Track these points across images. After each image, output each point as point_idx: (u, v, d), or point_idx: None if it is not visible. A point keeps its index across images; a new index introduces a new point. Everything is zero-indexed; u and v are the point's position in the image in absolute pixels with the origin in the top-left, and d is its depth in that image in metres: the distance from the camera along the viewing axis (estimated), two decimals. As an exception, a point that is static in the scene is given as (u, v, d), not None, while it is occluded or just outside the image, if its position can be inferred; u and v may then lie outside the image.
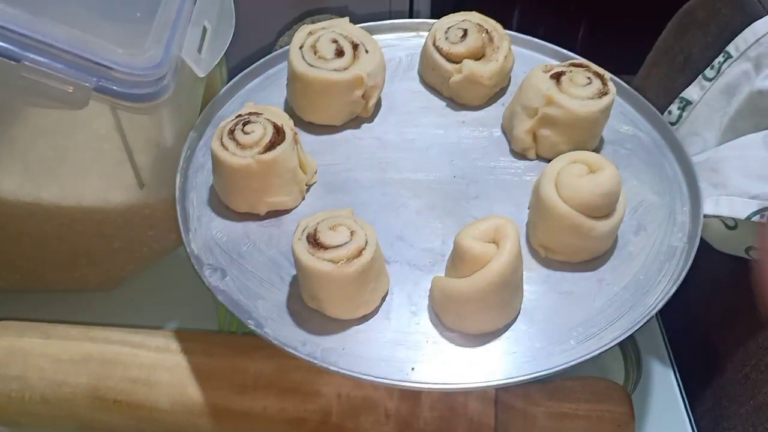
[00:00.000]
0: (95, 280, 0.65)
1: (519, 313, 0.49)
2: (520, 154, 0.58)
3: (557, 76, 0.56)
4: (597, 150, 0.57)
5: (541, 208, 0.50)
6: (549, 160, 0.53)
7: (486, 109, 0.62)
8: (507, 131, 0.59)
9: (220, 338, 0.57)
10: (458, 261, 0.47)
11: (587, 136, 0.56)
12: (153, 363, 0.53)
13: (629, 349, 0.62)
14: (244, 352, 0.54)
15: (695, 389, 0.61)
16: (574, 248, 0.50)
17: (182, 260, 0.67)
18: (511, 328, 0.48)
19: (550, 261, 0.51)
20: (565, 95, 0.55)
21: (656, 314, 0.63)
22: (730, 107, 0.63)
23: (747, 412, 0.57)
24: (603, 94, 0.55)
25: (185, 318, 0.63)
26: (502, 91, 0.62)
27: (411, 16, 0.85)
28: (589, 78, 0.56)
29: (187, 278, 0.66)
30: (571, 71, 0.57)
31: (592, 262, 0.51)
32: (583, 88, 0.55)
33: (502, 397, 0.52)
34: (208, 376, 0.53)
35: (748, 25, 0.63)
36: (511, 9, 0.59)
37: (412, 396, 0.51)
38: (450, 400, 0.51)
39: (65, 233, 0.59)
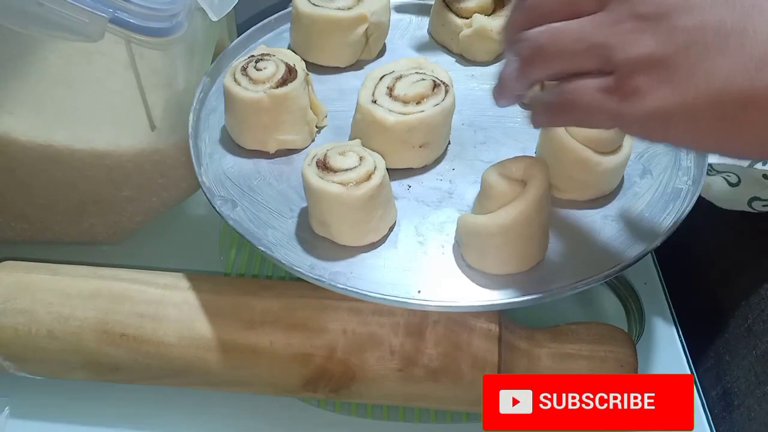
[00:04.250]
0: (103, 231, 0.65)
1: (541, 261, 0.49)
2: (527, 105, 0.59)
3: None
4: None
5: (548, 145, 0.50)
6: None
7: (495, 64, 0.63)
8: None
9: (227, 279, 0.57)
10: (484, 198, 0.47)
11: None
12: (160, 299, 0.54)
13: (632, 304, 0.62)
14: (251, 291, 0.54)
15: (698, 345, 0.62)
16: (581, 185, 0.51)
17: (188, 217, 0.69)
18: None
19: (557, 200, 0.52)
20: None
21: (659, 276, 0.64)
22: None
23: (749, 363, 0.57)
24: None
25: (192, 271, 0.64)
26: None
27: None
28: None
29: (193, 234, 0.67)
30: None
31: (598, 200, 0.52)
32: None
33: (506, 336, 0.52)
34: (215, 312, 0.53)
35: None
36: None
37: (417, 332, 0.51)
38: (454, 337, 0.51)
39: (75, 179, 0.59)
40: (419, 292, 0.47)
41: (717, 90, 0.33)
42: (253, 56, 0.55)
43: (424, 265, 0.49)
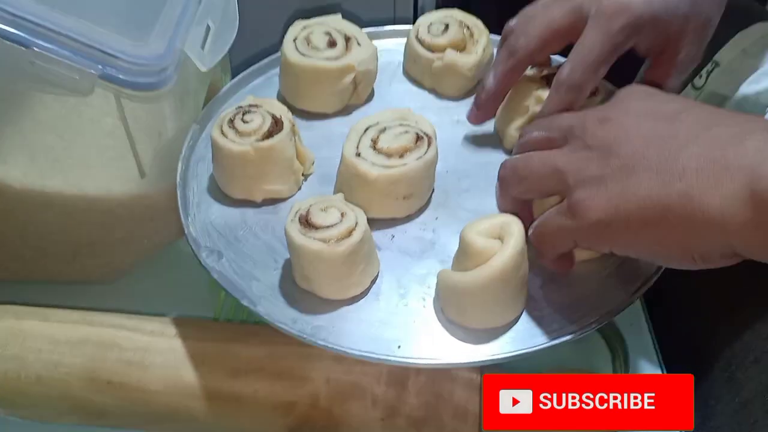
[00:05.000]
0: (96, 271, 0.66)
1: (521, 313, 0.49)
2: (511, 152, 0.60)
3: (547, 78, 0.58)
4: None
5: (539, 206, 0.51)
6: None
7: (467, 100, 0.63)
8: (499, 130, 0.61)
9: (213, 325, 0.58)
10: (462, 255, 0.48)
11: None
12: (147, 346, 0.54)
13: (617, 347, 0.63)
14: (237, 339, 0.55)
15: (683, 389, 0.62)
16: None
17: (180, 255, 0.69)
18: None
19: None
20: None
21: (647, 318, 0.65)
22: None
23: (732, 410, 0.58)
24: (592, 93, 0.57)
25: (183, 313, 0.64)
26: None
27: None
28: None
29: (184, 273, 0.67)
30: None
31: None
32: None
33: (488, 385, 0.53)
34: (201, 360, 0.54)
35: (734, 35, 0.65)
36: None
37: (400, 382, 0.52)
38: (436, 387, 0.52)
39: (68, 223, 0.60)
40: (399, 347, 0.47)
41: (642, 197, 0.41)
42: (240, 107, 0.56)
43: (405, 318, 0.49)
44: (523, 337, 0.48)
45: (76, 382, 0.54)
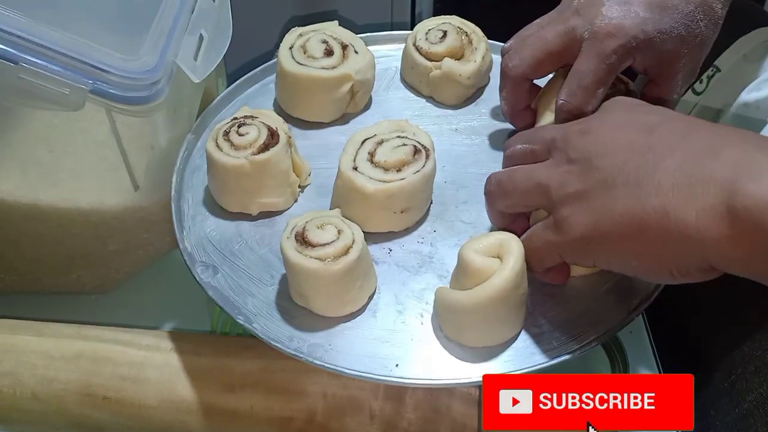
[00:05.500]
0: (91, 282, 0.65)
1: (521, 330, 0.49)
2: None
3: None
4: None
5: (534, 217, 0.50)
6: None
7: (479, 118, 0.63)
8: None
9: (209, 338, 0.58)
10: (461, 273, 0.47)
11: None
12: (142, 361, 0.54)
13: (617, 358, 0.62)
14: (232, 352, 0.54)
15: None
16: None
17: (176, 264, 0.69)
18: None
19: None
20: None
21: (646, 326, 0.64)
22: (718, 120, 0.65)
23: (732, 420, 0.57)
24: (614, 85, 0.54)
25: (179, 321, 0.64)
26: (479, 92, 0.64)
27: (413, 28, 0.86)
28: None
29: (181, 282, 0.67)
30: None
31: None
32: None
33: (487, 399, 0.52)
34: (196, 375, 0.53)
35: (735, 38, 0.64)
36: (516, 22, 0.61)
37: (397, 396, 0.51)
38: (434, 401, 0.51)
39: (62, 235, 0.60)
40: (397, 365, 0.47)
41: (619, 213, 0.41)
42: (236, 119, 0.55)
43: (403, 336, 0.49)
44: (522, 356, 0.47)
45: (71, 398, 0.53)
